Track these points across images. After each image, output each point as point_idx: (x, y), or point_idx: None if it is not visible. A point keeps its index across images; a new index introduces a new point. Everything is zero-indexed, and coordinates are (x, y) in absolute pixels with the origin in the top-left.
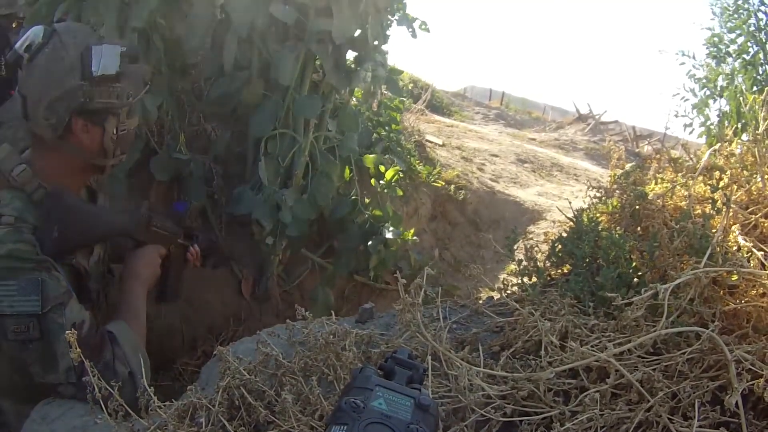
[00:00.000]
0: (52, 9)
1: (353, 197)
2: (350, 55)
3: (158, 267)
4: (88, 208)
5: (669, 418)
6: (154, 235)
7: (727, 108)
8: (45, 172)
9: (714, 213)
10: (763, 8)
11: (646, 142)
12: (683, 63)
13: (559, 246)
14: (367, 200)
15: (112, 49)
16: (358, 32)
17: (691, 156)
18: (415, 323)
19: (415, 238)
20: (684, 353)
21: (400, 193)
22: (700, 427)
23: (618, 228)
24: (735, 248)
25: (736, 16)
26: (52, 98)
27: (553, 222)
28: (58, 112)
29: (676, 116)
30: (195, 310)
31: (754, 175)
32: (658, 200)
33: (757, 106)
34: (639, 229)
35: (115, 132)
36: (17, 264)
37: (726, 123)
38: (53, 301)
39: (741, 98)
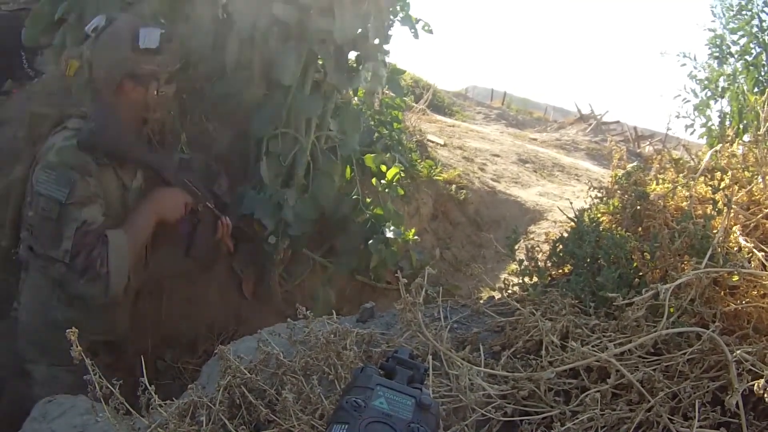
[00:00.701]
0: (54, 7)
1: (354, 197)
2: (352, 54)
3: (179, 207)
4: (124, 127)
5: (669, 419)
6: (183, 185)
7: (728, 109)
8: None
9: (715, 214)
10: (766, 9)
11: (648, 143)
12: (684, 64)
13: (560, 246)
14: (368, 200)
15: (154, 31)
16: (359, 32)
17: (693, 156)
18: (416, 323)
19: (416, 237)
20: (684, 354)
21: (401, 192)
22: (700, 427)
23: (619, 228)
24: (736, 249)
25: (739, 17)
26: (110, 64)
27: (554, 222)
28: (113, 75)
29: (677, 117)
30: (196, 309)
31: (756, 176)
32: (660, 201)
33: (758, 107)
34: (640, 229)
35: (155, 93)
36: (65, 158)
37: (727, 124)
38: (76, 198)
39: (743, 99)
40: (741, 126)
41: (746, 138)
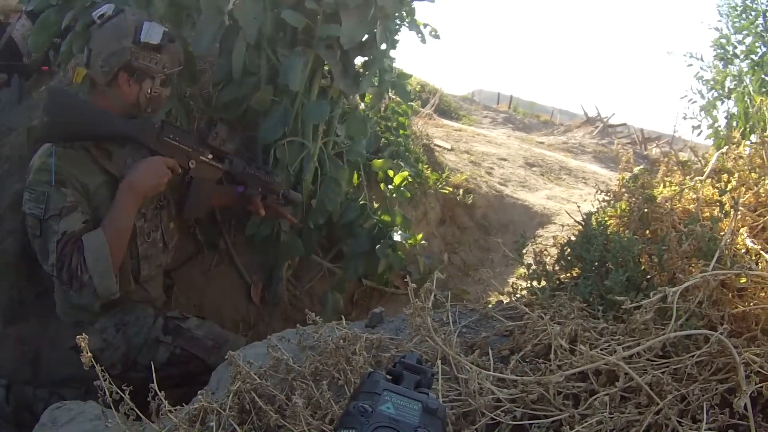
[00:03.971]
0: (61, 16)
1: (362, 202)
2: (358, 60)
3: (161, 178)
4: (86, 105)
5: (678, 421)
6: (167, 146)
7: (734, 110)
8: None
9: (722, 216)
10: None
11: (655, 145)
12: (691, 65)
13: (568, 249)
14: (375, 205)
15: (158, 27)
16: (366, 37)
17: (700, 158)
18: (425, 327)
19: (423, 242)
20: (693, 356)
21: (408, 195)
22: (708, 429)
23: (627, 231)
24: (743, 251)
25: (744, 16)
26: (109, 53)
27: (562, 226)
28: (110, 64)
29: (684, 118)
30: (205, 315)
31: (763, 178)
32: (667, 203)
33: (765, 108)
34: (648, 232)
35: (149, 92)
36: (41, 177)
37: (734, 125)
38: (52, 211)
39: (749, 100)
40: (747, 127)
41: (753, 139)
